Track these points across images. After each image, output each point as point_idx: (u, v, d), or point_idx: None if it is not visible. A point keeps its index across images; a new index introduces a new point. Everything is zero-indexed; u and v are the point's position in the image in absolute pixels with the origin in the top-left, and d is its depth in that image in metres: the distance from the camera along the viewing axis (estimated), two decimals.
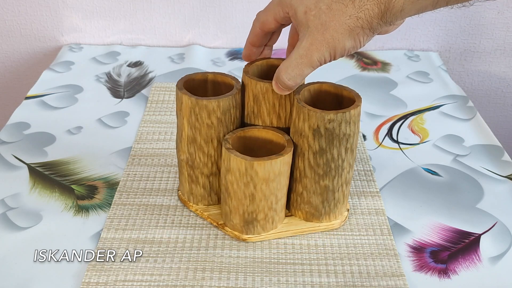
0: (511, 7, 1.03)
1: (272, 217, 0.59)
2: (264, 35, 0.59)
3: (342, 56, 0.53)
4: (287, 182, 0.59)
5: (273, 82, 0.56)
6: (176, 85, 0.59)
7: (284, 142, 0.57)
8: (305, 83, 0.60)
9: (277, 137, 0.59)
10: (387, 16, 0.49)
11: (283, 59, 0.60)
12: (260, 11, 0.58)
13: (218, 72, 0.62)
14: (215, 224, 0.61)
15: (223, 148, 0.56)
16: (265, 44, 0.61)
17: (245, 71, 0.60)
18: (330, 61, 0.53)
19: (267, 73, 0.62)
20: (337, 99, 0.60)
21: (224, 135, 0.59)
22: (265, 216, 0.58)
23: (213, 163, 0.60)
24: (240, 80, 0.61)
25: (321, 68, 0.61)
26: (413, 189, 0.69)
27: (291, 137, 0.58)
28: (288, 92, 0.56)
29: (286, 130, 0.60)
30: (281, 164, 0.55)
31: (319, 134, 0.55)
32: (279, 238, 0.60)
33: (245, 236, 0.59)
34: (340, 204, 0.61)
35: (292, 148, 0.57)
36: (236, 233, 0.60)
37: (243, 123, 0.62)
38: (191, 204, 0.64)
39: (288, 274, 0.56)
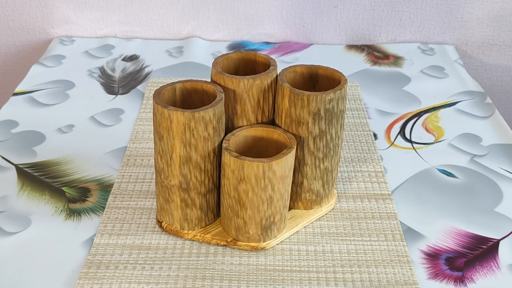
0: None
1: (284, 215, 0.60)
2: None
3: None
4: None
5: None
6: (157, 104, 0.55)
7: (277, 136, 0.58)
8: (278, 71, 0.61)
9: (268, 132, 0.59)
10: None
11: (253, 51, 0.60)
12: None
13: (186, 80, 0.60)
14: (223, 243, 0.60)
15: (231, 158, 0.55)
16: None
17: (219, 71, 0.58)
18: None
19: (238, 67, 0.61)
20: (311, 79, 0.62)
21: (219, 145, 0.57)
22: (281, 216, 0.59)
23: (210, 179, 0.59)
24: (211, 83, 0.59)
25: (330, 63, 0.61)
26: (427, 192, 0.69)
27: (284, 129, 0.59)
28: None
29: (271, 124, 0.61)
30: (292, 158, 0.56)
31: (319, 116, 0.58)
32: (289, 240, 0.60)
33: (263, 244, 0.59)
34: (335, 181, 0.64)
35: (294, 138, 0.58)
36: (252, 244, 0.59)
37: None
38: (185, 232, 0.60)
39: (294, 282, 0.56)
